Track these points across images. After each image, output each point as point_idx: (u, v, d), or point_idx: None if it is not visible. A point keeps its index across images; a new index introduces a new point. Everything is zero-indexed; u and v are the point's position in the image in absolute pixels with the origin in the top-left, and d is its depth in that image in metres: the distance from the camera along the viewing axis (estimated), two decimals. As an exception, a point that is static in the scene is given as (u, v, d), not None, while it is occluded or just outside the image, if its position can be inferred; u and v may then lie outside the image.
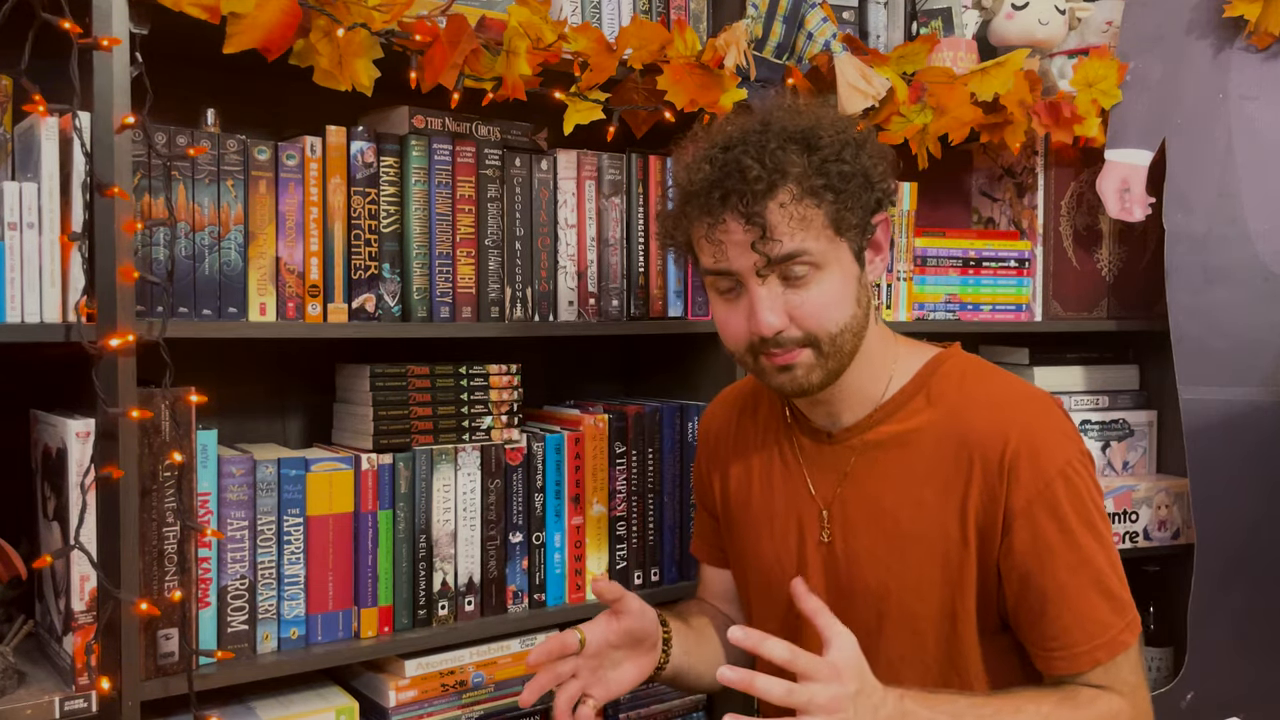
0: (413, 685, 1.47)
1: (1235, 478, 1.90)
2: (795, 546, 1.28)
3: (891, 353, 1.25)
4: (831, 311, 1.14)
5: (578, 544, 1.61)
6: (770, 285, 1.13)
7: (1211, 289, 1.92)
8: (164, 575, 1.28)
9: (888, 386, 1.24)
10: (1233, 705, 1.90)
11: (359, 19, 1.32)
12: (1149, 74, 1.94)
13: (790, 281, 1.13)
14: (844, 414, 1.25)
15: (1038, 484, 1.14)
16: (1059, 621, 1.15)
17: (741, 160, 1.11)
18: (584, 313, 1.64)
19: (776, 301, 1.13)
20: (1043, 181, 2.05)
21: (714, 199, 1.12)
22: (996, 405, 1.20)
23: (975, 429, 1.18)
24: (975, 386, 1.22)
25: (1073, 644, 1.14)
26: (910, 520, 1.20)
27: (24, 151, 1.26)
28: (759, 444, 1.35)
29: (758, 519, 1.33)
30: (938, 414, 1.21)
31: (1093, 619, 1.14)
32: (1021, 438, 1.15)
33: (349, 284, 1.44)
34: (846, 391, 1.23)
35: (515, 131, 1.59)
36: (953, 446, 1.18)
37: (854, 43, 1.74)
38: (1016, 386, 1.24)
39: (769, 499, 1.32)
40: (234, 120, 1.44)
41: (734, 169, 1.11)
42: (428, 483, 1.48)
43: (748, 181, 1.10)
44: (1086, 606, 1.14)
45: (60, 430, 1.26)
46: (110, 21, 1.19)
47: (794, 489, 1.29)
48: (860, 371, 1.22)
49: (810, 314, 1.14)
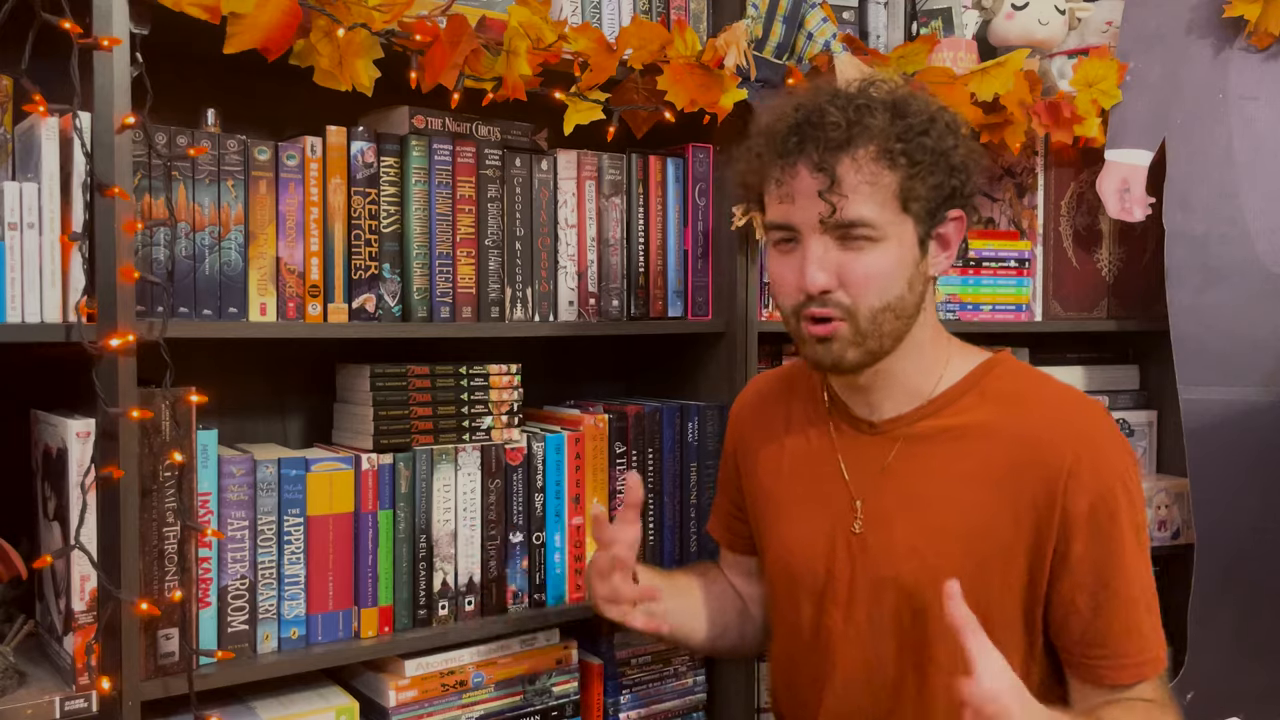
0: (413, 685, 1.47)
1: (1235, 478, 1.90)
2: (826, 534, 1.26)
3: (944, 352, 1.24)
4: (879, 283, 1.13)
5: (578, 544, 1.61)
6: (825, 243, 1.13)
7: (1211, 289, 1.92)
8: (164, 575, 1.28)
9: (938, 384, 1.23)
10: (1233, 705, 1.90)
11: (359, 19, 1.32)
12: (1149, 74, 1.94)
13: (846, 244, 1.13)
14: (885, 405, 1.24)
15: (1100, 489, 1.13)
16: (1110, 629, 1.14)
17: (826, 109, 1.12)
18: (584, 313, 1.64)
19: (829, 259, 1.13)
20: (1043, 181, 2.05)
21: (790, 143, 1.13)
22: (1057, 408, 1.19)
23: (1034, 430, 1.17)
24: (1032, 388, 1.22)
25: (1123, 654, 1.14)
26: (955, 516, 1.18)
27: (24, 151, 1.26)
28: (793, 430, 1.33)
29: (787, 505, 1.31)
30: (992, 413, 1.19)
31: (1141, 632, 1.14)
32: (1084, 442, 1.15)
33: (349, 284, 1.44)
34: (890, 381, 1.22)
35: (515, 131, 1.59)
36: (1008, 446, 1.17)
37: (854, 43, 1.74)
38: (1072, 392, 1.25)
39: (800, 486, 1.30)
40: (234, 120, 1.44)
41: (816, 117, 1.12)
42: (428, 483, 1.48)
43: (825, 129, 1.11)
44: (1136, 619, 1.14)
45: (60, 430, 1.26)
46: (110, 21, 1.19)
47: (827, 477, 1.27)
48: (906, 362, 1.21)
49: (857, 280, 1.13)
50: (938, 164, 1.14)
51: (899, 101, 1.15)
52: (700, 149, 1.73)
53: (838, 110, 1.12)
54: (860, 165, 1.11)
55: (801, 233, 1.14)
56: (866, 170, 1.11)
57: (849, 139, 1.11)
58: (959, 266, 1.97)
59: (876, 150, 1.11)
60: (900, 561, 1.20)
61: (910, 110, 1.14)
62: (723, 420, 1.73)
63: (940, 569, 1.15)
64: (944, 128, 1.15)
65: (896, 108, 1.14)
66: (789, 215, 1.15)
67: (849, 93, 1.15)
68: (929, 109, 1.16)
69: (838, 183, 1.10)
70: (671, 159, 1.71)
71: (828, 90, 1.16)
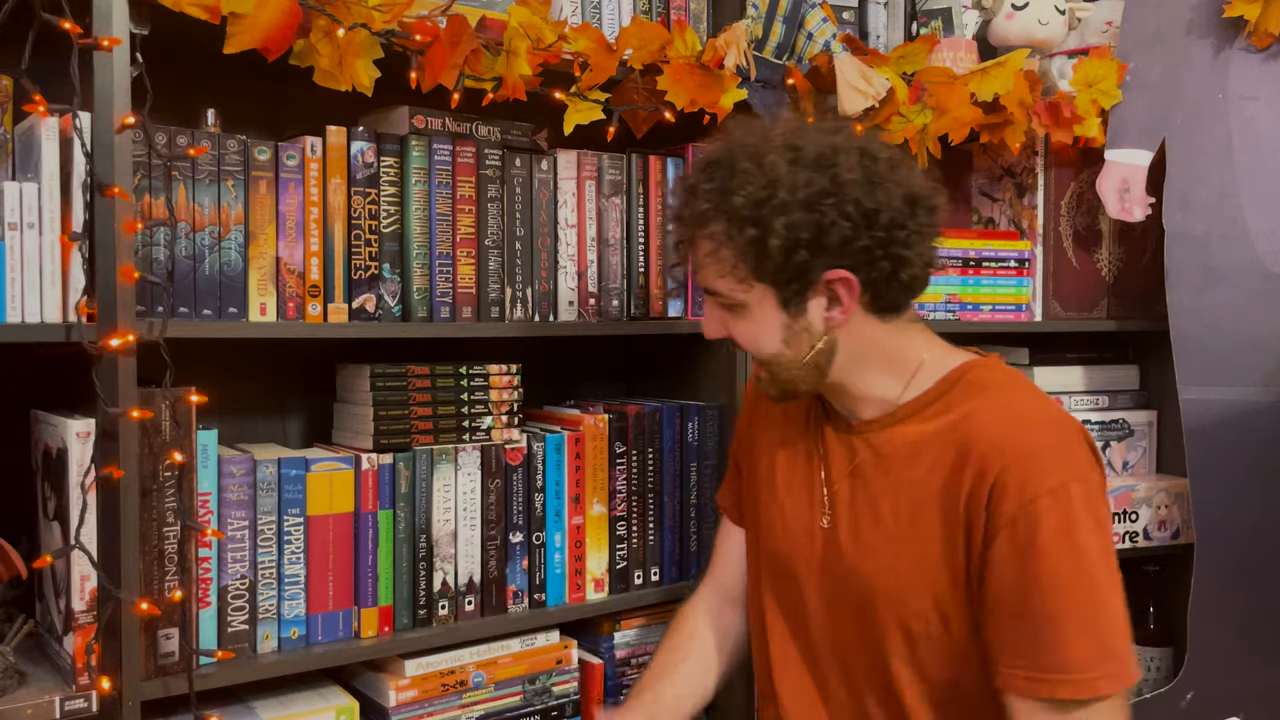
0: (413, 685, 1.47)
1: (1235, 478, 1.90)
2: (804, 525, 1.30)
3: (908, 364, 1.25)
4: (750, 344, 1.23)
5: (578, 544, 1.61)
6: (713, 304, 1.25)
7: (1211, 289, 1.92)
8: (164, 575, 1.28)
9: (905, 391, 1.24)
10: (1233, 705, 1.90)
11: (359, 19, 1.32)
12: (1149, 74, 1.94)
13: (724, 308, 1.23)
14: (859, 408, 1.27)
15: (1023, 500, 1.12)
16: (1023, 640, 1.12)
17: (690, 189, 1.22)
18: (584, 313, 1.64)
19: (714, 317, 1.26)
20: (1043, 181, 2.05)
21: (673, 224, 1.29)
22: (1004, 418, 1.18)
23: (977, 438, 1.17)
24: (991, 398, 1.21)
25: (1041, 668, 1.11)
26: (906, 520, 1.21)
27: (24, 151, 1.26)
28: (792, 418, 1.37)
29: (778, 492, 1.34)
30: (949, 422, 1.20)
31: (1064, 649, 1.10)
32: (1018, 452, 1.14)
33: (349, 284, 1.44)
34: (850, 395, 1.26)
35: (515, 131, 1.59)
36: (955, 453, 1.18)
37: (854, 43, 1.74)
38: (1036, 406, 1.22)
39: (790, 475, 1.33)
40: (234, 120, 1.44)
41: (681, 196, 1.25)
42: (428, 483, 1.48)
43: (682, 210, 1.24)
44: (1061, 636, 1.10)
45: (60, 430, 1.26)
46: (110, 21, 1.19)
47: (811, 471, 1.31)
48: (858, 380, 1.24)
49: (735, 337, 1.24)
50: (782, 239, 1.13)
51: (745, 171, 1.16)
52: (700, 149, 1.73)
53: (688, 192, 1.22)
54: (707, 241, 1.20)
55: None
56: (709, 246, 1.20)
57: (699, 218, 1.20)
58: (959, 266, 1.97)
59: (718, 229, 1.18)
60: (861, 559, 1.24)
61: (753, 180, 1.15)
62: (723, 420, 1.74)
63: (897, 570, 1.20)
64: (799, 198, 1.13)
65: (743, 177, 1.16)
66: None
67: (707, 171, 1.21)
68: (775, 172, 1.14)
69: (697, 260, 1.23)
70: (671, 159, 1.71)
71: (702, 162, 1.23)
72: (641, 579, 1.68)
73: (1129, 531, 2.04)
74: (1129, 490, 2.04)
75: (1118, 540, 2.02)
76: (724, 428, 1.74)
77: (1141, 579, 2.11)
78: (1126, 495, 2.04)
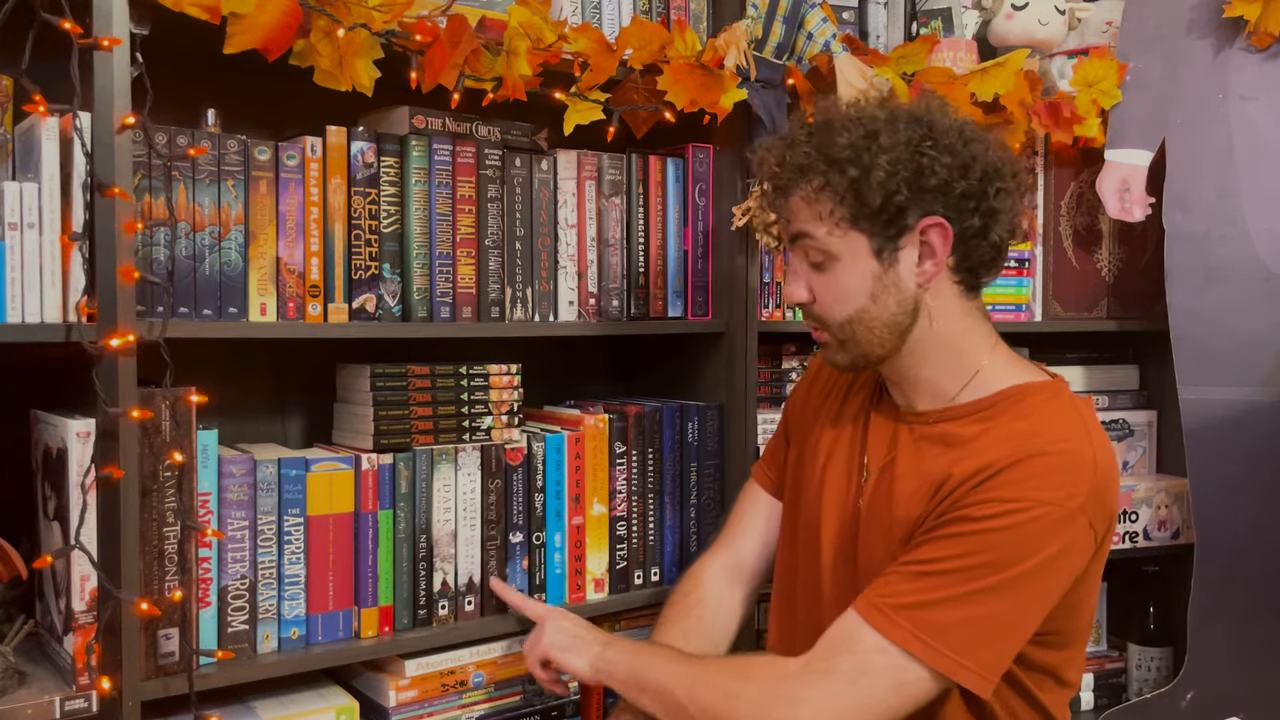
0: (413, 685, 1.47)
1: (1235, 478, 1.90)
2: (838, 507, 1.31)
3: (971, 361, 1.25)
4: (837, 298, 1.22)
5: (578, 544, 1.61)
6: (799, 262, 1.25)
7: (1211, 289, 1.92)
8: (164, 575, 1.28)
9: (962, 391, 1.24)
10: (1233, 705, 1.90)
11: (359, 19, 1.32)
12: (1149, 74, 1.94)
13: (812, 264, 1.23)
14: (915, 398, 1.28)
15: (975, 496, 1.14)
16: (889, 575, 1.16)
17: (782, 151, 1.24)
18: (584, 313, 1.64)
19: (800, 276, 1.25)
20: (1043, 181, 2.05)
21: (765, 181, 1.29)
22: (1019, 441, 1.16)
23: (980, 451, 1.17)
24: (1022, 423, 1.18)
25: (876, 590, 1.15)
26: (902, 521, 1.22)
27: (24, 152, 1.26)
28: (848, 400, 1.38)
29: (820, 467, 1.36)
30: (981, 433, 1.20)
31: (909, 591, 1.12)
32: (1002, 470, 1.13)
33: (349, 284, 1.44)
34: (908, 377, 1.27)
35: (515, 132, 1.59)
36: (956, 457, 1.19)
37: (854, 43, 1.74)
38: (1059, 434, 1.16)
39: (834, 454, 1.35)
40: (234, 120, 1.44)
41: (773, 158, 1.25)
42: (428, 483, 1.48)
43: (776, 174, 1.25)
44: (915, 576, 1.13)
45: (60, 430, 1.26)
46: (110, 21, 1.19)
47: (853, 454, 1.32)
48: (915, 361, 1.25)
49: (818, 297, 1.24)
50: (887, 184, 1.16)
51: (845, 121, 1.20)
52: (700, 149, 1.73)
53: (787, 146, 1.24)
54: (805, 187, 1.21)
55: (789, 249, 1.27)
56: (806, 191, 1.21)
57: (799, 167, 1.22)
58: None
59: (816, 174, 1.20)
60: (873, 548, 1.25)
61: (852, 129, 1.19)
62: (723, 420, 1.74)
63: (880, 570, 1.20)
64: (901, 140, 1.17)
65: (844, 126, 1.19)
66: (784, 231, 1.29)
67: (811, 123, 1.24)
68: (875, 123, 1.19)
69: (792, 213, 1.24)
70: (671, 159, 1.72)
71: (796, 123, 1.28)
72: (642, 579, 1.68)
73: (1129, 532, 2.04)
74: (1129, 490, 2.04)
75: (1118, 540, 2.02)
76: (724, 428, 1.74)
77: (1141, 579, 2.11)
78: (1126, 495, 2.04)
